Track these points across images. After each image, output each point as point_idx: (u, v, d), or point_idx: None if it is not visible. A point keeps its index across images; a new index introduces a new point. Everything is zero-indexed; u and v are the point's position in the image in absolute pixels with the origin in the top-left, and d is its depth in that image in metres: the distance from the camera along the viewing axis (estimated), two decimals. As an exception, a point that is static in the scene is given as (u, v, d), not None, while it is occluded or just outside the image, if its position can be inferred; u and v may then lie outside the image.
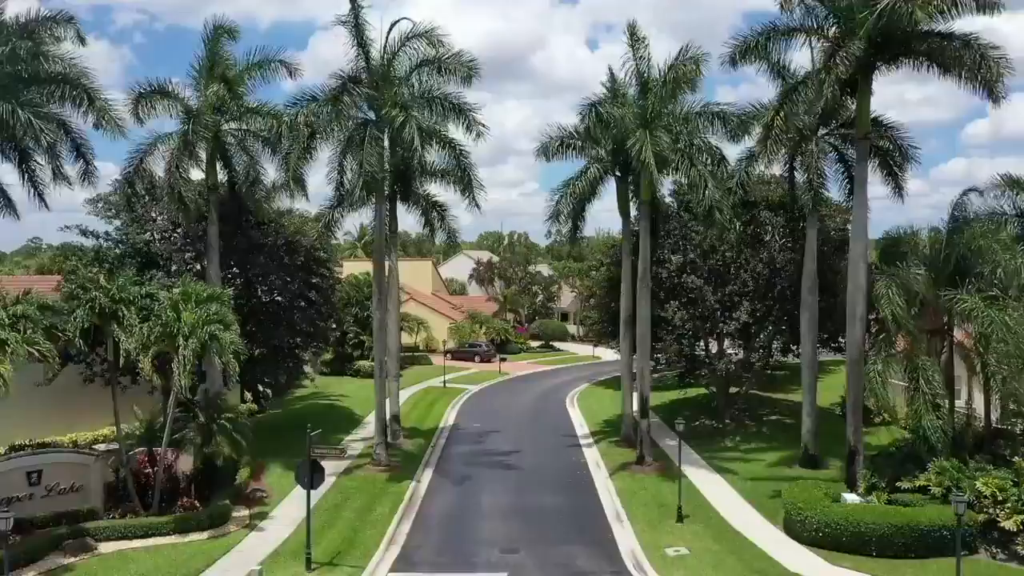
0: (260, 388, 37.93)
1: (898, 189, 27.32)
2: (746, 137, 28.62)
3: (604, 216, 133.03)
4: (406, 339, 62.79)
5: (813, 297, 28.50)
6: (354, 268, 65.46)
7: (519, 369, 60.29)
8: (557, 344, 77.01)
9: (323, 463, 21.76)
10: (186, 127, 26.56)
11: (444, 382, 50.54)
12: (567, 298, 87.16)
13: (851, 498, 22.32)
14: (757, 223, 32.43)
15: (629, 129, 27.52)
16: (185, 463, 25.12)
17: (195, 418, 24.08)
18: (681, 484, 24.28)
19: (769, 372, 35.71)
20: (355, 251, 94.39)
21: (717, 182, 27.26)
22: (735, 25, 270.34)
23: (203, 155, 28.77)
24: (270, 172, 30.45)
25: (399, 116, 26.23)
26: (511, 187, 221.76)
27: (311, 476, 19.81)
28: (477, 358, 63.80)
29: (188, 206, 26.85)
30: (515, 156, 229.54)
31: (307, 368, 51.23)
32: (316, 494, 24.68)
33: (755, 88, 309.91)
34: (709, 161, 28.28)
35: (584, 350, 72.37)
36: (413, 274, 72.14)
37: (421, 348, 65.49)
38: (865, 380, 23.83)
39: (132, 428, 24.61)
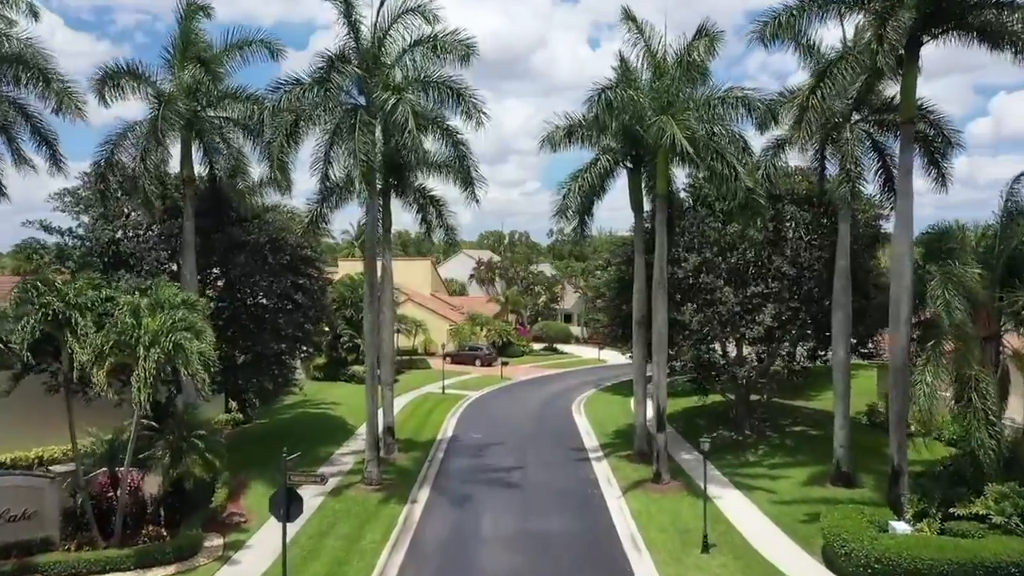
0: (247, 396, 35.47)
1: (941, 178, 24.81)
2: (773, 126, 26.04)
3: (605, 216, 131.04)
4: (404, 342, 60.33)
5: (846, 297, 25.96)
6: (352, 268, 62.97)
7: (522, 373, 57.78)
8: (561, 346, 74.48)
9: (302, 490, 19.23)
10: (156, 112, 24.08)
11: (443, 388, 48.05)
12: (570, 299, 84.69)
13: (900, 527, 19.76)
14: (781, 218, 29.83)
15: (646, 115, 25.07)
16: (154, 484, 22.66)
17: (164, 435, 21.60)
18: (707, 510, 21.72)
19: (795, 378, 33.08)
20: (353, 250, 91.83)
21: (748, 171, 24.78)
22: (738, 25, 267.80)
23: (178, 145, 26.46)
24: (253, 164, 28.09)
25: (391, 98, 23.73)
26: (512, 186, 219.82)
27: (287, 507, 17.23)
28: (478, 362, 61.29)
29: (152, 201, 24.28)
30: (516, 155, 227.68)
31: (298, 374, 48.86)
32: (299, 519, 22.24)
33: (756, 85, 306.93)
34: (732, 150, 25.70)
35: (589, 353, 69.88)
36: (411, 274, 69.84)
37: (419, 351, 62.97)
38: (911, 391, 21.30)
39: (92, 446, 22.13)
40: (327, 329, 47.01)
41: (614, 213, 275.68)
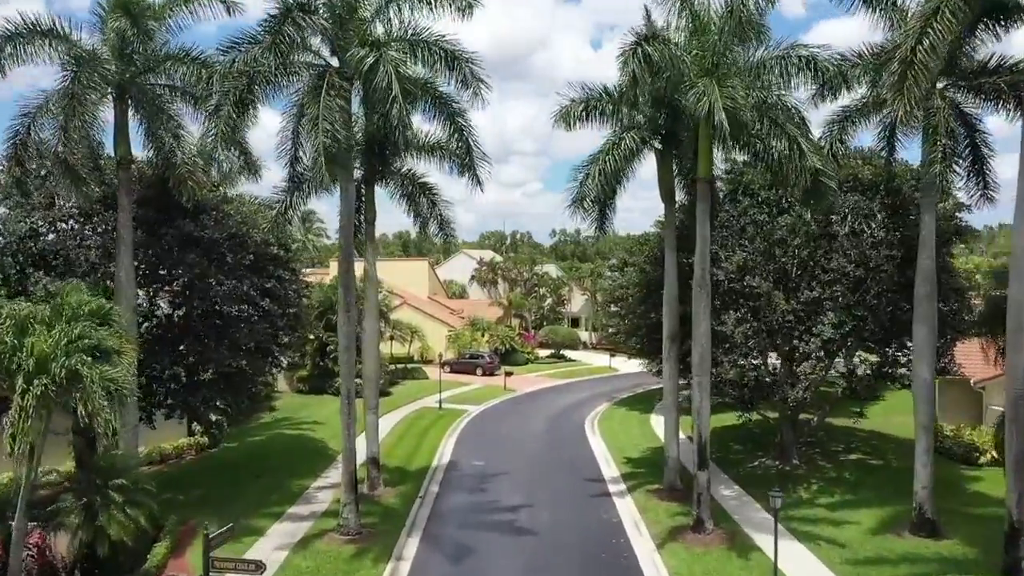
0: (213, 418, 30.55)
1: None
2: (843, 92, 21.23)
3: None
4: (398, 349, 55.59)
5: (932, 306, 21.04)
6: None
7: (527, 384, 52.85)
8: (568, 353, 69.50)
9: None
10: (75, 74, 19.27)
11: (440, 402, 43.13)
12: (578, 302, 79.87)
13: (1041, 612, 14.90)
14: (842, 210, 24.91)
15: (687, 77, 20.25)
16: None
17: (73, 487, 16.81)
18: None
19: (859, 398, 28.12)
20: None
21: (815, 146, 20.01)
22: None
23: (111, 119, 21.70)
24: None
25: (369, 56, 18.91)
26: (514, 187, 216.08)
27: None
28: (479, 371, 56.32)
29: (82, 178, 19.48)
30: (518, 156, 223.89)
31: (281, 383, 43.95)
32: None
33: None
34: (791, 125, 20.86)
35: (598, 360, 64.97)
36: (408, 276, 65.30)
37: (416, 359, 58.13)
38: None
39: None
40: (311, 337, 42.31)
41: (619, 213, 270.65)
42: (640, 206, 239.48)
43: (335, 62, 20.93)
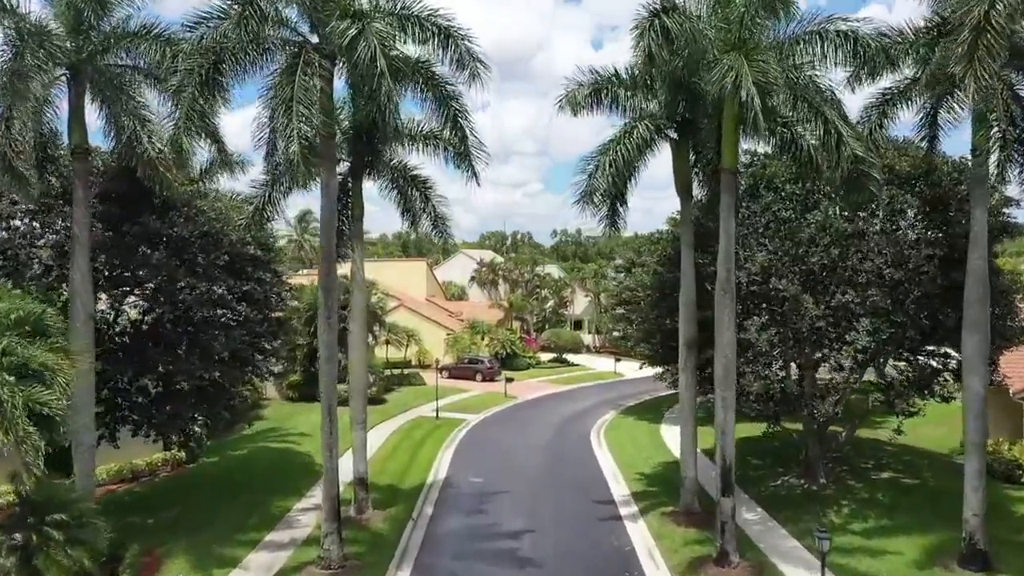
0: (191, 429, 28.26)
1: None
2: (883, 73, 18.95)
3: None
4: (394, 353, 53.34)
5: (984, 311, 18.73)
6: (341, 270, 55.87)
7: (529, 390, 50.55)
8: (571, 357, 67.16)
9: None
10: (18, 50, 16.99)
11: (437, 411, 40.81)
12: (580, 303, 77.61)
13: None
14: (878, 205, 22.63)
15: (708, 54, 18.00)
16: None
17: (9, 520, 14.53)
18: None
19: (899, 413, 25.66)
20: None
21: (854, 132, 17.74)
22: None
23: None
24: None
25: (351, 29, 16.64)
26: (514, 188, 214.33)
27: None
28: (479, 376, 54.05)
29: (22, 174, 17.14)
30: (518, 156, 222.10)
31: (270, 389, 41.74)
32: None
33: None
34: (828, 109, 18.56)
35: (602, 364, 62.68)
36: (405, 276, 63.22)
37: (413, 363, 55.84)
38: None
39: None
40: (301, 342, 40.03)
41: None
42: (642, 205, 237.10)
43: (315, 39, 18.66)
